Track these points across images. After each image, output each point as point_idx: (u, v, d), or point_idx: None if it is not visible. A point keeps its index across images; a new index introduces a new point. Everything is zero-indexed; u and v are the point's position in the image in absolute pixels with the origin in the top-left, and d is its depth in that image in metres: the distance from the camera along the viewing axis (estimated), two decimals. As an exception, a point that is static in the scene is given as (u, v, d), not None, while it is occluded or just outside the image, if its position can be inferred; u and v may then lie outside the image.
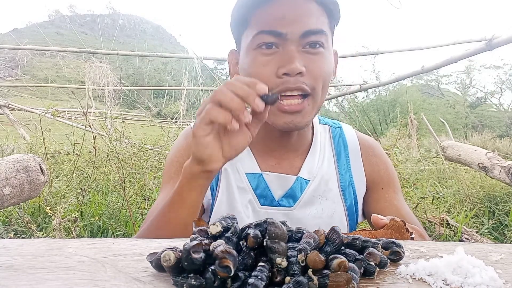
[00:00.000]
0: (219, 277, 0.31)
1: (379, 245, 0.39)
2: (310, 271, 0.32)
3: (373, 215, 0.55)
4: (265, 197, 0.76)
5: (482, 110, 22.34)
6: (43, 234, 2.20)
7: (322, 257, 0.33)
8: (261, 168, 0.78)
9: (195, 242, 0.33)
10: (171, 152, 0.83)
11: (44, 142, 3.38)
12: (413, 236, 0.51)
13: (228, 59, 0.81)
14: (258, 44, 0.68)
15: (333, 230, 0.38)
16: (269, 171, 0.77)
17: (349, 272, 0.32)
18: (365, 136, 0.88)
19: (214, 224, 0.37)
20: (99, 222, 2.49)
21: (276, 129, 0.72)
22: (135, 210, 2.57)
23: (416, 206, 2.63)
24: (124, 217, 2.53)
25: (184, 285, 0.31)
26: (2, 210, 2.46)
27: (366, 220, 0.86)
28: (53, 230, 2.05)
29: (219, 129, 0.55)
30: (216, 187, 0.77)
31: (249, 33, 0.70)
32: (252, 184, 0.77)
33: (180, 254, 0.33)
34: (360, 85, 5.25)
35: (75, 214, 2.24)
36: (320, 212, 0.76)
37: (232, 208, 0.75)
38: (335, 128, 0.87)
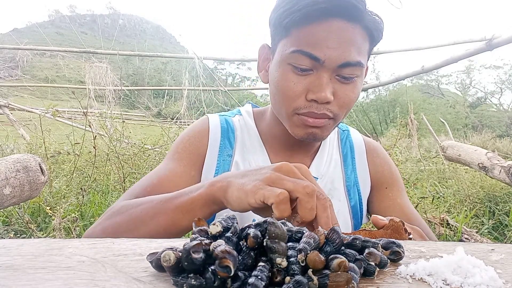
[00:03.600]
0: (219, 277, 0.31)
1: (379, 245, 0.39)
2: (310, 271, 0.32)
3: (372, 215, 0.56)
4: None
5: (482, 110, 22.37)
6: (43, 234, 2.20)
7: (322, 257, 0.33)
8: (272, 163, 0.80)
9: (195, 242, 0.33)
10: (185, 131, 0.84)
11: (44, 142, 3.38)
12: (411, 236, 0.52)
13: (259, 51, 0.80)
14: (293, 62, 0.67)
15: (333, 230, 0.38)
16: None
17: (349, 272, 0.32)
18: (370, 139, 0.92)
19: (214, 224, 0.37)
20: (99, 222, 2.48)
21: None
22: (135, 210, 2.57)
23: (416, 206, 2.64)
24: (124, 217, 2.53)
25: (184, 285, 0.31)
26: (2, 210, 2.46)
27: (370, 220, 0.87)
28: (53, 230, 2.05)
29: None
30: None
31: (287, 43, 0.68)
32: None
33: (180, 254, 0.33)
34: (360, 85, 5.22)
35: (75, 214, 2.25)
36: None
37: None
38: (343, 130, 0.91)
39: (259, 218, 0.74)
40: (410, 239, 0.51)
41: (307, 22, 0.65)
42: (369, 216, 0.87)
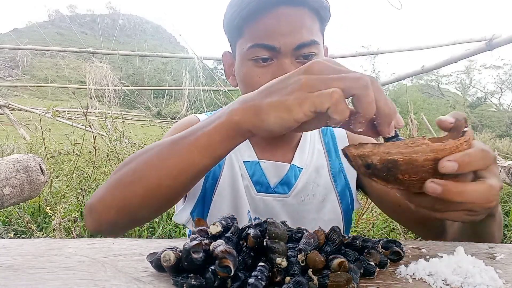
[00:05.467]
0: (219, 277, 0.31)
1: (379, 245, 0.39)
2: (310, 271, 0.32)
3: (437, 118, 0.49)
4: (261, 184, 0.78)
5: (482, 110, 22.37)
6: (43, 234, 2.20)
7: (322, 257, 0.33)
8: (258, 157, 0.81)
9: (195, 242, 0.33)
10: (177, 123, 0.85)
11: (44, 142, 3.38)
12: (466, 129, 0.42)
13: (222, 59, 0.84)
14: (253, 57, 0.71)
15: (333, 230, 0.38)
16: (265, 160, 0.81)
17: (349, 272, 0.32)
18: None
19: (214, 224, 0.37)
20: (99, 222, 2.48)
21: None
22: (135, 210, 2.57)
23: (416, 206, 2.64)
24: (124, 217, 2.53)
25: (184, 285, 0.31)
26: (2, 210, 2.46)
27: (370, 200, 0.88)
28: (53, 230, 2.05)
29: None
30: (220, 172, 0.79)
31: (243, 42, 0.72)
32: (249, 171, 0.80)
33: (180, 254, 0.33)
34: (360, 85, 5.23)
35: (75, 214, 2.25)
36: (312, 198, 0.79)
37: (236, 192, 0.77)
38: None
39: (253, 212, 0.75)
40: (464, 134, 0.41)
41: (255, 16, 0.69)
42: (360, 202, 0.87)
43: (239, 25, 0.71)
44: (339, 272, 0.32)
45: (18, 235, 2.35)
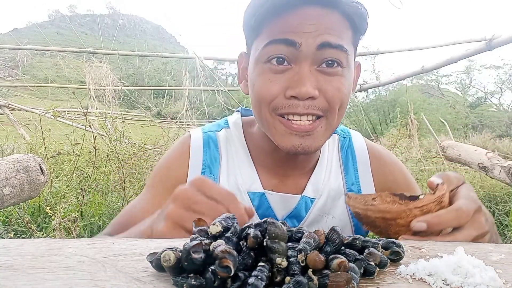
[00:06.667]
0: (219, 277, 0.31)
1: (379, 245, 0.39)
2: (310, 271, 0.32)
3: (428, 180, 0.55)
4: (267, 217, 0.73)
5: (482, 110, 22.37)
6: (43, 234, 2.20)
7: (322, 257, 0.33)
8: (264, 187, 0.72)
9: (195, 242, 0.33)
10: (164, 158, 0.78)
11: (44, 142, 3.38)
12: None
13: (237, 61, 0.76)
14: (268, 57, 0.61)
15: (333, 230, 0.38)
16: (272, 190, 0.72)
17: (349, 272, 0.32)
18: (375, 145, 0.82)
19: (214, 224, 0.37)
20: (99, 222, 2.49)
21: None
22: (135, 210, 2.57)
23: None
24: (124, 217, 2.53)
25: (184, 285, 0.31)
26: (2, 210, 2.46)
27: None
28: (53, 230, 2.05)
29: None
30: None
31: (259, 43, 0.63)
32: (254, 203, 0.72)
33: (180, 254, 0.33)
34: (360, 85, 5.25)
35: (75, 214, 2.25)
36: (326, 230, 0.74)
37: None
38: (344, 137, 0.81)
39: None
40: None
41: (275, 16, 0.59)
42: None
43: (257, 23, 0.61)
44: (339, 272, 0.32)
45: (18, 235, 2.35)
